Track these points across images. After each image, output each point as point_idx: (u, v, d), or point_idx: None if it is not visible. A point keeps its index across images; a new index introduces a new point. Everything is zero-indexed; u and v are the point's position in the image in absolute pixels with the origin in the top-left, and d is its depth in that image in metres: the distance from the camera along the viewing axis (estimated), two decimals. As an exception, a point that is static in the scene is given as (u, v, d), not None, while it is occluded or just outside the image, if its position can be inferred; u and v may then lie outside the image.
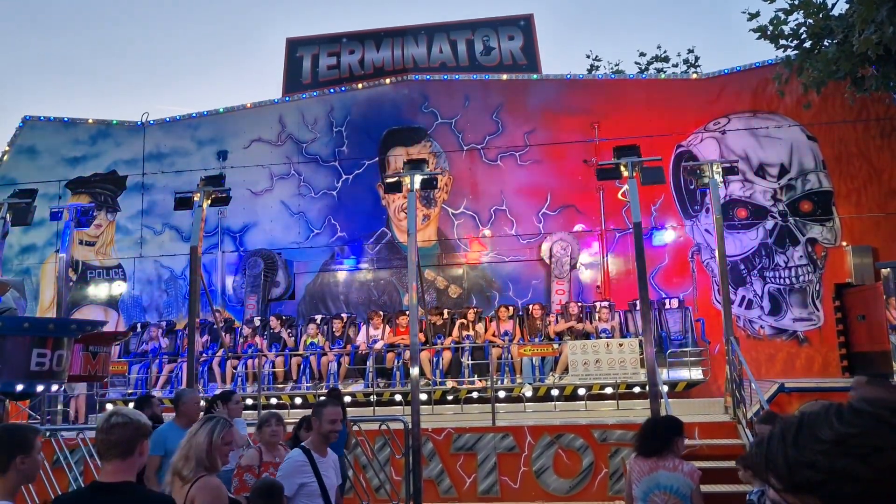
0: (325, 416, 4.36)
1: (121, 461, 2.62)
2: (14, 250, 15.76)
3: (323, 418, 4.36)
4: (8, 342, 4.01)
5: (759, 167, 13.75)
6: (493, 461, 9.14)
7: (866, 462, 0.95)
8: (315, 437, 4.40)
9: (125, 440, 2.63)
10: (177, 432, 5.18)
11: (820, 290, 13.26)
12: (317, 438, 4.38)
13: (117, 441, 2.62)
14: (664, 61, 23.49)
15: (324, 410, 4.38)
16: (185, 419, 5.38)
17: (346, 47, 16.84)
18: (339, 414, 4.41)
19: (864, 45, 9.24)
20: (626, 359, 10.81)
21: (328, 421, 4.36)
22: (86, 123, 16.63)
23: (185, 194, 10.74)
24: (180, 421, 5.35)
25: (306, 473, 4.19)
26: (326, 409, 4.38)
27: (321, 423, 4.36)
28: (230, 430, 3.48)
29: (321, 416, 4.37)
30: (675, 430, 4.47)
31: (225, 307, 15.08)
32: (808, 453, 1.00)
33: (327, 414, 4.36)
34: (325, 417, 4.36)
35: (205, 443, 3.36)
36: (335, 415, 4.36)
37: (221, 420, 3.51)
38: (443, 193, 14.84)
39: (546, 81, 15.11)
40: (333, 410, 4.37)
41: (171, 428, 5.28)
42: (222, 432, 3.41)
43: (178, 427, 5.28)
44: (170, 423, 5.38)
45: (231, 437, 3.50)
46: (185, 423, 5.36)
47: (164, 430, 5.24)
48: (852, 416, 1.00)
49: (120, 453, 2.62)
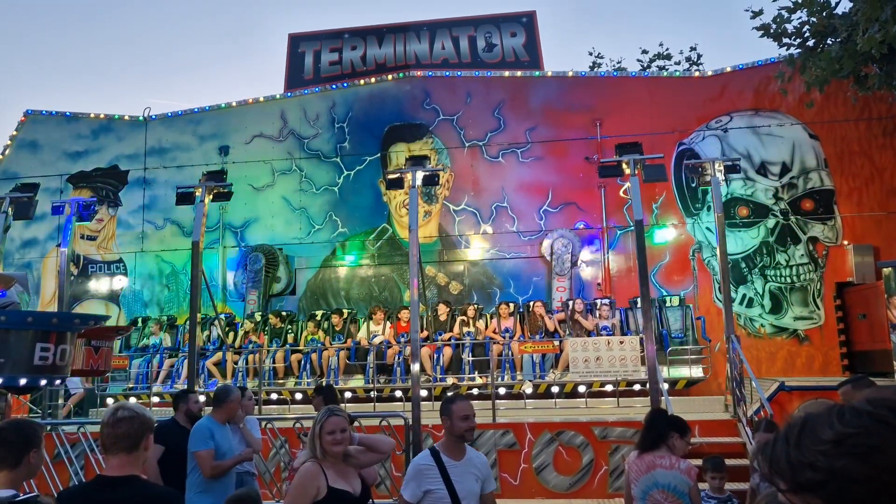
0: (455, 412, 3.74)
1: (126, 455, 2.64)
2: (16, 244, 15.77)
3: (454, 416, 3.73)
4: (11, 336, 4.03)
5: (761, 165, 13.75)
6: (494, 458, 9.15)
7: (866, 462, 0.96)
8: (447, 438, 3.78)
9: (131, 434, 2.65)
10: (218, 427, 5.30)
11: (821, 289, 13.26)
12: (449, 440, 3.77)
13: (123, 435, 2.65)
14: (666, 59, 23.48)
15: (453, 407, 3.76)
16: (223, 415, 5.42)
17: (348, 43, 16.83)
18: (471, 409, 3.78)
19: (868, 43, 9.23)
20: (627, 356, 10.81)
21: (460, 418, 3.72)
22: (88, 118, 16.63)
23: (187, 189, 10.74)
24: (219, 416, 5.39)
25: (432, 478, 3.63)
26: (456, 405, 3.76)
27: (452, 421, 3.74)
28: (329, 420, 3.58)
29: (451, 414, 3.75)
30: (674, 426, 4.49)
31: (226, 302, 15.11)
32: (809, 454, 1.00)
33: (458, 410, 3.74)
34: (455, 414, 3.73)
35: (311, 431, 3.60)
36: (467, 410, 3.74)
37: (325, 410, 3.65)
38: (444, 190, 14.84)
39: (548, 78, 15.09)
40: (464, 405, 3.76)
41: (212, 422, 5.32)
42: (321, 422, 3.57)
43: (217, 422, 5.34)
44: (208, 418, 5.41)
45: (332, 427, 3.55)
46: (223, 418, 5.42)
47: (208, 425, 5.27)
48: (852, 416, 1.01)
49: (126, 447, 2.64)
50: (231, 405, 5.49)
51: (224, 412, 5.46)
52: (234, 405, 5.53)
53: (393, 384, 11.46)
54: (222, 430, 5.36)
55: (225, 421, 5.49)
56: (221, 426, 5.40)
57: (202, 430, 5.18)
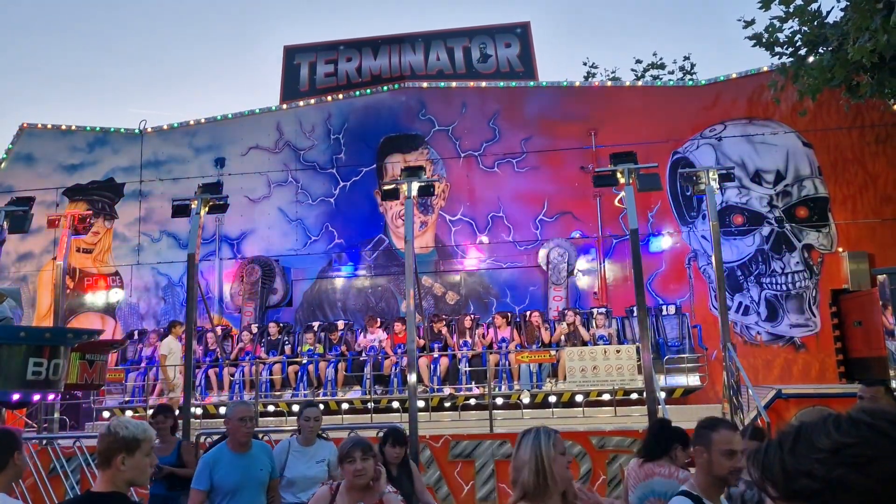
0: (716, 444, 2.87)
1: (103, 471, 2.70)
2: (11, 258, 15.75)
3: (713, 448, 2.87)
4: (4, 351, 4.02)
5: (755, 174, 13.80)
6: (491, 468, 9.12)
7: (862, 472, 0.96)
8: (702, 476, 2.92)
9: (102, 451, 2.71)
10: (226, 454, 4.63)
11: (816, 296, 13.28)
12: (706, 479, 2.90)
13: (99, 451, 2.72)
14: (660, 68, 23.58)
15: (714, 436, 2.89)
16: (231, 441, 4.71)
17: (343, 55, 16.89)
18: (739, 441, 2.93)
19: (859, 52, 9.29)
20: (624, 365, 10.81)
21: (723, 454, 2.85)
22: (83, 131, 16.65)
23: (183, 201, 10.73)
24: (230, 443, 4.71)
25: None
26: (718, 435, 2.89)
27: (712, 456, 2.86)
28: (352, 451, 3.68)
29: (711, 445, 2.88)
30: (677, 438, 4.48)
31: (222, 314, 15.08)
32: (805, 462, 1.00)
33: (720, 442, 2.87)
34: (716, 447, 2.87)
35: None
36: (733, 443, 2.88)
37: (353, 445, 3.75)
38: (440, 200, 14.86)
39: (543, 89, 15.16)
40: (728, 436, 2.90)
41: (222, 451, 4.67)
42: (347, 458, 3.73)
43: (228, 449, 4.67)
44: (221, 446, 4.76)
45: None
46: (233, 445, 4.68)
47: (211, 456, 4.66)
48: (849, 425, 1.01)
49: (100, 463, 2.72)
50: (232, 424, 4.64)
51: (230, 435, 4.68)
52: (234, 424, 4.64)
53: (390, 395, 11.44)
54: (234, 460, 4.56)
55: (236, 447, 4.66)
56: (232, 453, 4.62)
57: (200, 464, 4.53)
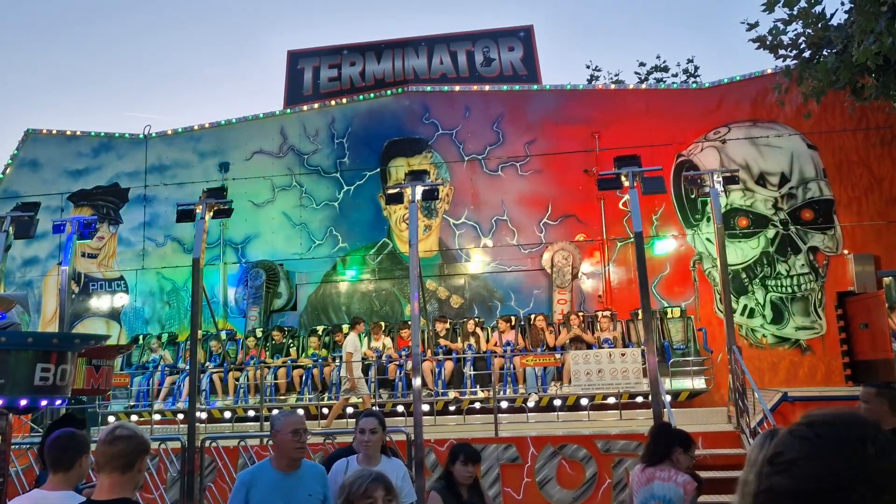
0: None
1: (120, 475, 2.60)
2: (17, 263, 15.80)
3: None
4: (11, 357, 4.02)
5: (760, 176, 13.77)
6: (497, 472, 9.12)
7: (786, 475, 1.04)
8: None
9: (126, 454, 2.61)
10: (269, 473, 3.91)
11: (822, 299, 13.24)
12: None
13: (119, 454, 2.61)
14: (664, 71, 23.57)
15: None
16: (278, 458, 3.98)
17: (347, 59, 16.92)
18: None
19: (864, 55, 9.26)
20: (629, 368, 10.79)
21: None
22: (88, 136, 16.71)
23: (187, 206, 10.77)
24: (275, 461, 4.00)
25: None
26: None
27: None
28: None
29: None
30: (677, 441, 4.49)
31: (227, 319, 15.10)
32: (760, 479, 1.09)
33: None
34: None
35: None
36: None
37: None
38: (444, 204, 14.87)
39: (546, 92, 15.16)
40: None
41: (264, 469, 3.98)
42: None
43: (273, 468, 3.94)
44: (265, 462, 4.07)
45: None
46: (279, 463, 3.94)
47: (250, 474, 3.97)
48: (781, 436, 1.10)
49: (119, 467, 2.61)
50: (281, 437, 3.82)
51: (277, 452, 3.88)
52: (284, 438, 3.81)
53: (395, 398, 11.43)
54: (277, 481, 3.81)
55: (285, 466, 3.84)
56: (276, 471, 3.85)
57: (237, 484, 3.88)
